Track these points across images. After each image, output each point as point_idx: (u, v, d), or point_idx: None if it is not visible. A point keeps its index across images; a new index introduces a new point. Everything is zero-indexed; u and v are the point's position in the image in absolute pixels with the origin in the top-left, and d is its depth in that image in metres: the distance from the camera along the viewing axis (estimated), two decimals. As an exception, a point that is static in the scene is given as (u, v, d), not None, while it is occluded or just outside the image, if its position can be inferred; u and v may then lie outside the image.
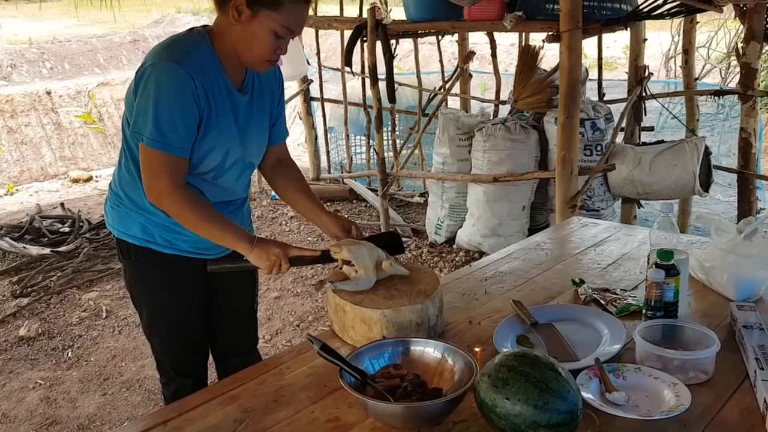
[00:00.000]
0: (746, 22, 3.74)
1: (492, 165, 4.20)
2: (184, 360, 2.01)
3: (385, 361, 1.45)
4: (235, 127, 1.75)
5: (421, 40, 5.71)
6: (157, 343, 2.00)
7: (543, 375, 1.22)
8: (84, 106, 8.65)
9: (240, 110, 1.76)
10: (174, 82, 1.60)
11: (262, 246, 1.69)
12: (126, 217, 1.84)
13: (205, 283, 1.96)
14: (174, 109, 1.61)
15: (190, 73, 1.61)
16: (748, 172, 3.92)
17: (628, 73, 4.24)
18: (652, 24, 4.45)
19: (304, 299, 4.03)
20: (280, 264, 1.70)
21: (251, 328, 2.18)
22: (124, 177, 1.81)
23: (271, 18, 1.61)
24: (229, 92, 1.72)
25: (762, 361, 1.42)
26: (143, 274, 1.90)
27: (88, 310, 4.02)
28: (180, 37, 1.70)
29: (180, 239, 1.83)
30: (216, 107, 1.69)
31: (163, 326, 1.96)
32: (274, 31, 1.63)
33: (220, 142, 1.73)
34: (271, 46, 1.65)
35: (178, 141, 1.63)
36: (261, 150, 1.90)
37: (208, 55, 1.67)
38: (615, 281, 1.99)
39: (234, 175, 1.83)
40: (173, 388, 2.00)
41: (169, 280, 1.89)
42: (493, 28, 4.18)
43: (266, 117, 1.87)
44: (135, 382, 3.24)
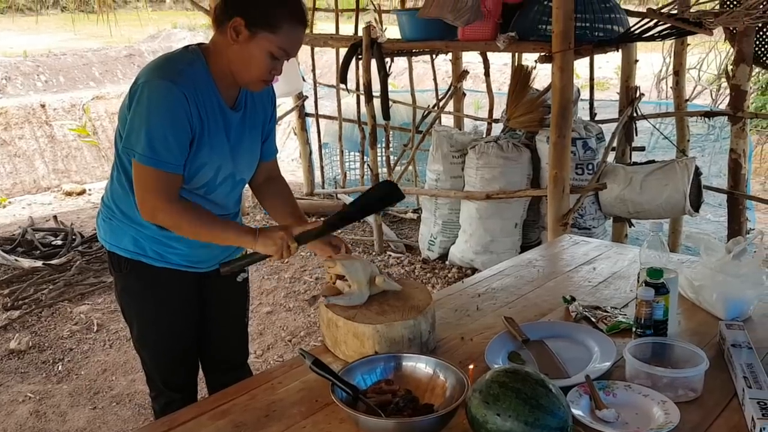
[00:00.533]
0: (736, 45, 3.79)
1: (485, 182, 4.23)
2: (174, 374, 2.00)
3: (377, 377, 1.46)
4: (227, 144, 1.77)
5: (416, 59, 5.76)
6: (147, 357, 2.00)
7: (534, 391, 1.23)
8: (78, 119, 8.66)
9: (232, 128, 1.78)
10: (167, 99, 1.61)
11: (266, 233, 1.71)
12: (117, 230, 1.84)
13: (196, 297, 1.97)
14: (166, 127, 1.62)
15: (183, 91, 1.63)
16: (738, 193, 3.96)
17: (619, 94, 4.29)
18: (644, 45, 4.50)
19: (296, 314, 4.02)
20: (288, 246, 1.70)
21: (242, 342, 2.18)
22: (116, 190, 1.82)
23: (268, 40, 1.64)
24: (221, 110, 1.74)
25: (750, 379, 1.43)
26: (134, 287, 1.90)
27: (79, 324, 4.00)
28: (174, 54, 1.72)
29: (171, 252, 1.83)
30: (208, 124, 1.71)
31: (154, 340, 1.96)
32: (271, 53, 1.65)
33: (212, 159, 1.74)
34: (267, 67, 1.68)
35: (170, 158, 1.64)
36: (252, 166, 1.92)
37: (202, 74, 1.69)
38: (606, 299, 2.00)
39: (225, 190, 1.84)
40: (163, 402, 2.00)
41: (160, 294, 1.89)
42: (487, 48, 4.22)
43: (258, 134, 1.89)
44: (125, 397, 3.23)
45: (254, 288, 4.27)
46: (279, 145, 2.08)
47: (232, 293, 2.05)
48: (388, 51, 4.54)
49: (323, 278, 4.51)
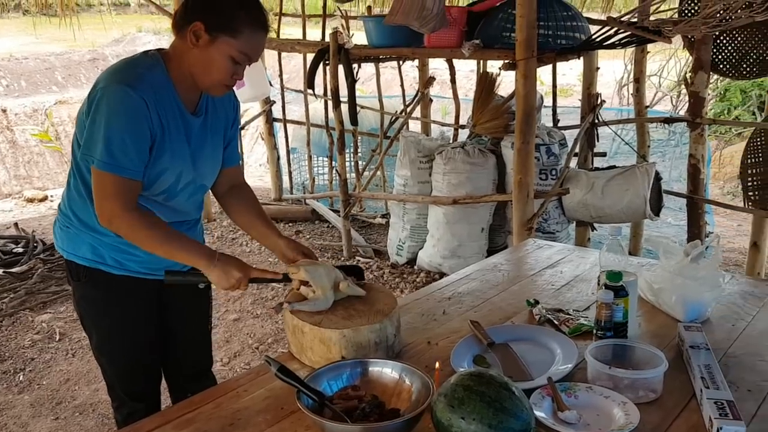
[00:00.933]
0: (694, 53, 3.90)
1: (452, 187, 4.27)
2: (136, 383, 1.97)
3: (344, 383, 1.46)
4: (187, 149, 1.76)
5: (384, 65, 5.79)
6: (108, 367, 1.97)
7: (498, 394, 1.25)
8: (41, 124, 8.50)
9: (193, 133, 1.77)
10: (125, 105, 1.60)
11: (224, 266, 1.68)
12: (75, 238, 1.81)
13: (157, 305, 1.94)
14: (125, 132, 1.60)
15: (142, 96, 1.61)
16: (697, 197, 4.06)
17: (581, 101, 4.37)
18: (606, 53, 4.60)
19: (264, 321, 4.00)
20: (239, 286, 1.69)
21: (205, 349, 2.16)
22: (74, 197, 1.79)
23: (229, 44, 1.64)
24: (182, 115, 1.73)
25: (708, 380, 1.47)
26: (93, 296, 1.87)
27: (41, 333, 3.92)
28: (134, 59, 1.71)
29: (131, 260, 1.81)
30: (169, 130, 1.70)
31: (114, 349, 1.93)
32: (231, 57, 1.65)
33: (173, 165, 1.73)
34: (228, 71, 1.67)
35: (129, 163, 1.62)
36: (214, 172, 1.91)
37: (161, 79, 1.68)
38: (568, 302, 2.04)
39: (185, 196, 1.83)
40: (125, 412, 1.96)
41: (120, 302, 1.86)
42: (452, 55, 4.27)
43: (220, 140, 1.88)
44: (89, 406, 3.17)
45: (221, 295, 4.23)
46: (247, 150, 2.09)
47: (193, 300, 2.02)
48: (356, 57, 4.55)
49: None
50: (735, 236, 5.42)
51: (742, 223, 5.69)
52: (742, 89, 7.87)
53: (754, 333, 1.82)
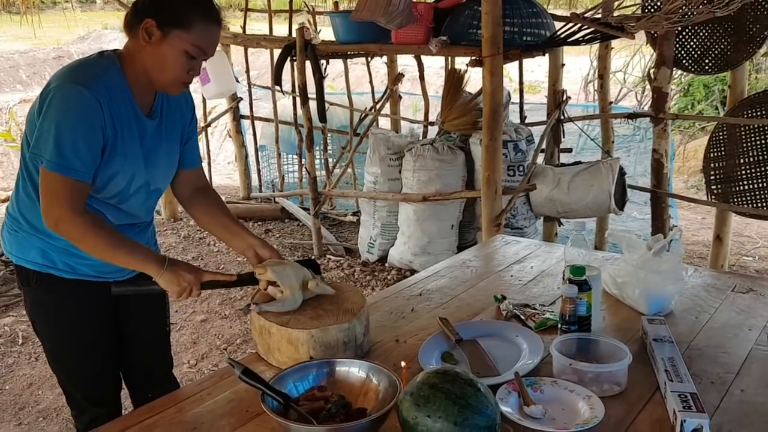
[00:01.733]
0: (657, 49, 3.95)
1: (421, 184, 4.27)
2: (96, 388, 1.93)
3: (310, 383, 1.45)
4: (140, 152, 1.72)
5: (355, 61, 5.78)
6: (64, 374, 1.92)
7: (463, 391, 1.25)
8: (4, 123, 8.30)
9: (147, 135, 1.74)
10: (78, 105, 1.56)
11: (173, 270, 1.64)
12: (24, 242, 1.77)
13: (111, 308, 1.90)
14: (77, 132, 1.57)
15: (96, 96, 1.58)
16: (661, 191, 4.12)
17: (547, 97, 4.41)
18: (573, 49, 4.64)
19: (232, 321, 3.96)
20: (191, 291, 1.66)
21: (164, 353, 2.11)
22: (23, 200, 1.75)
23: (181, 38, 1.62)
24: (136, 117, 1.70)
25: (671, 373, 1.48)
26: (44, 302, 1.82)
27: (3, 336, 3.83)
28: (88, 60, 1.68)
29: (82, 264, 1.77)
30: (122, 132, 1.66)
31: (68, 355, 1.88)
32: (185, 51, 1.63)
33: (125, 167, 1.69)
34: (183, 66, 1.65)
35: (80, 164, 1.58)
36: (168, 176, 1.87)
37: (116, 79, 1.65)
38: (534, 297, 2.05)
39: (139, 200, 1.79)
40: (87, 419, 1.92)
41: (72, 307, 1.82)
42: (420, 52, 4.27)
43: (176, 143, 1.85)
44: (52, 411, 3.10)
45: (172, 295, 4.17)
46: (215, 148, 2.05)
47: (148, 302, 1.97)
48: (323, 53, 4.53)
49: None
50: (699, 229, 5.52)
51: (706, 216, 5.80)
52: (705, 84, 8.01)
53: (717, 325, 1.85)
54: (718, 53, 3.99)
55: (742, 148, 3.96)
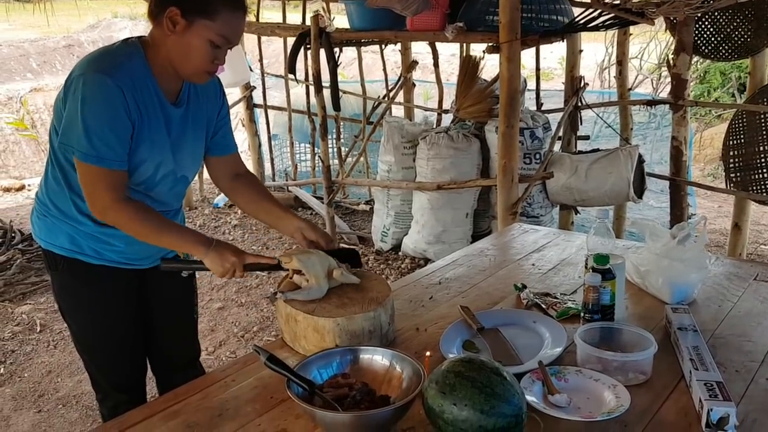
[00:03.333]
0: (676, 35, 3.90)
1: (436, 173, 4.25)
2: (120, 374, 1.95)
3: (334, 371, 1.45)
4: (167, 140, 1.72)
5: (365, 49, 5.74)
6: (90, 358, 1.94)
7: (489, 380, 1.24)
8: (16, 112, 8.34)
9: (173, 123, 1.73)
10: (102, 93, 1.56)
11: (219, 251, 1.66)
12: (53, 227, 1.78)
13: (138, 295, 1.91)
14: (103, 122, 1.57)
15: (119, 84, 1.57)
16: (680, 179, 4.08)
17: (564, 84, 4.36)
18: (588, 35, 4.60)
19: (248, 309, 3.97)
20: (234, 272, 1.67)
21: (191, 339, 2.13)
22: (51, 186, 1.76)
23: (207, 27, 1.59)
24: (161, 105, 1.69)
25: (696, 361, 1.47)
26: (72, 286, 1.84)
27: (21, 324, 3.86)
28: (112, 47, 1.67)
29: (109, 250, 1.78)
30: (148, 119, 1.66)
31: (95, 340, 1.90)
32: (210, 41, 1.60)
33: (152, 155, 1.69)
34: (208, 56, 1.62)
35: (111, 153, 1.59)
36: (195, 164, 1.87)
37: (140, 67, 1.64)
38: (555, 286, 2.04)
39: (165, 187, 1.79)
40: (110, 404, 1.94)
41: (99, 292, 1.83)
42: (435, 39, 4.23)
43: (202, 131, 1.84)
44: (72, 398, 3.13)
45: (204, 283, 4.20)
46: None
47: (176, 290, 1.99)
48: (337, 41, 4.50)
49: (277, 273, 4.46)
50: (716, 217, 5.47)
51: (723, 204, 5.75)
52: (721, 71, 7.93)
53: (740, 314, 1.83)
54: (738, 40, 3.93)
55: (761, 135, 3.91)
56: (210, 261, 1.66)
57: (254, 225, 5.47)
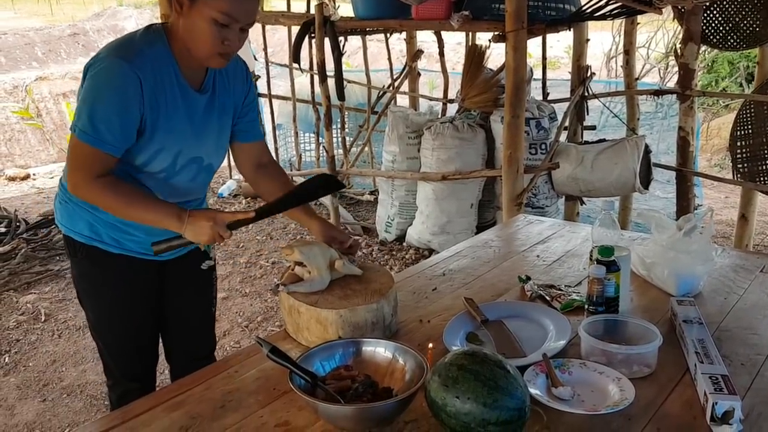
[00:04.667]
0: (684, 24, 3.86)
1: (441, 163, 4.24)
2: (131, 363, 1.95)
3: (336, 363, 1.44)
4: (189, 128, 1.70)
5: (370, 38, 5.71)
6: (103, 345, 1.95)
7: (492, 373, 1.23)
8: (21, 101, 8.34)
9: (196, 111, 1.71)
10: (117, 79, 1.55)
11: (194, 221, 1.60)
12: (73, 213, 1.78)
13: (155, 286, 1.91)
14: (112, 106, 1.56)
15: (137, 71, 1.56)
16: (686, 170, 4.05)
17: (571, 73, 4.33)
18: (594, 24, 4.55)
19: (252, 299, 3.97)
20: (220, 235, 1.62)
21: (208, 332, 2.11)
22: None
23: (208, 5, 1.53)
24: (183, 92, 1.67)
25: (702, 354, 1.46)
26: (90, 273, 1.84)
27: (26, 314, 3.87)
28: (135, 34, 1.65)
29: (128, 239, 1.78)
30: (166, 107, 1.64)
31: (109, 328, 1.90)
32: (214, 20, 1.54)
33: (169, 143, 1.67)
34: (215, 36, 1.56)
35: (111, 138, 1.57)
36: (221, 152, 1.85)
37: (162, 54, 1.62)
38: (559, 277, 2.03)
39: (188, 176, 1.77)
40: (119, 391, 1.95)
41: (117, 281, 1.83)
42: (441, 27, 4.20)
43: (228, 117, 1.81)
44: (76, 388, 3.14)
45: None
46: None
47: (195, 282, 1.98)
48: (342, 29, 4.48)
49: (280, 263, 4.47)
50: (722, 208, 5.44)
51: (730, 195, 5.71)
52: (729, 61, 7.86)
53: (746, 306, 1.81)
54: (747, 29, 3.89)
55: (769, 126, 3.88)
56: (190, 233, 1.61)
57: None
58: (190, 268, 1.90)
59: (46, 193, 6.52)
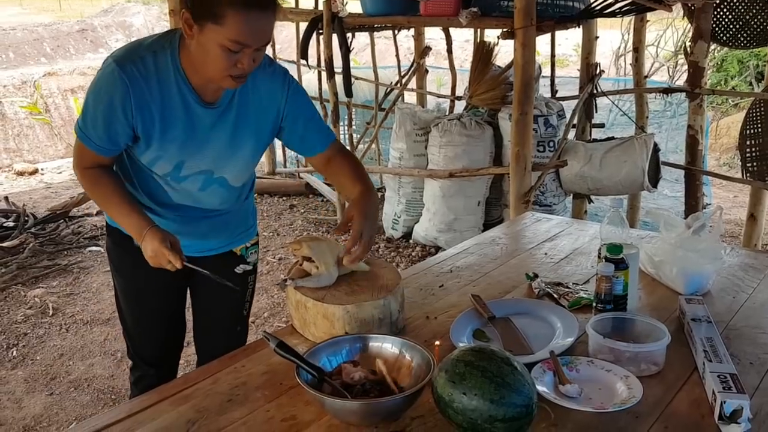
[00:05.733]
0: (694, 22, 3.84)
1: (448, 160, 4.23)
2: (148, 348, 1.98)
3: (343, 358, 1.44)
4: (189, 140, 1.64)
5: (378, 34, 5.70)
6: (126, 327, 1.99)
7: (499, 369, 1.23)
8: (29, 96, 8.37)
9: (201, 124, 1.64)
10: (106, 82, 1.55)
11: (150, 239, 1.59)
12: None
13: (182, 283, 1.93)
14: (98, 108, 1.57)
15: (127, 80, 1.52)
16: (695, 169, 4.03)
17: (580, 71, 4.31)
18: (603, 22, 4.53)
19: (259, 295, 3.98)
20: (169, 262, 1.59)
21: (237, 333, 2.06)
22: None
23: (216, 32, 1.43)
24: (186, 104, 1.60)
25: (710, 353, 1.45)
26: (121, 256, 1.88)
27: (33, 308, 3.89)
28: (147, 39, 1.61)
29: None
30: (162, 118, 1.59)
31: (133, 312, 1.94)
32: (223, 46, 1.44)
33: (167, 153, 1.64)
34: (225, 61, 1.47)
35: (95, 137, 1.60)
36: (243, 169, 1.78)
37: (167, 64, 1.56)
38: (567, 275, 2.02)
39: (196, 185, 1.74)
40: (138, 373, 1.99)
41: (145, 270, 1.76)
42: (449, 24, 4.19)
43: (250, 134, 1.72)
44: (83, 381, 3.16)
45: None
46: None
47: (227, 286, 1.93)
48: (350, 26, 4.47)
49: (287, 259, 4.47)
50: (731, 207, 5.41)
51: (738, 194, 5.68)
52: (739, 59, 7.81)
53: (755, 305, 1.80)
54: (757, 27, 3.86)
55: (779, 124, 3.85)
56: (144, 249, 1.61)
57: (265, 212, 5.48)
58: (222, 269, 1.83)
59: (54, 188, 6.55)
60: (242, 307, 2.04)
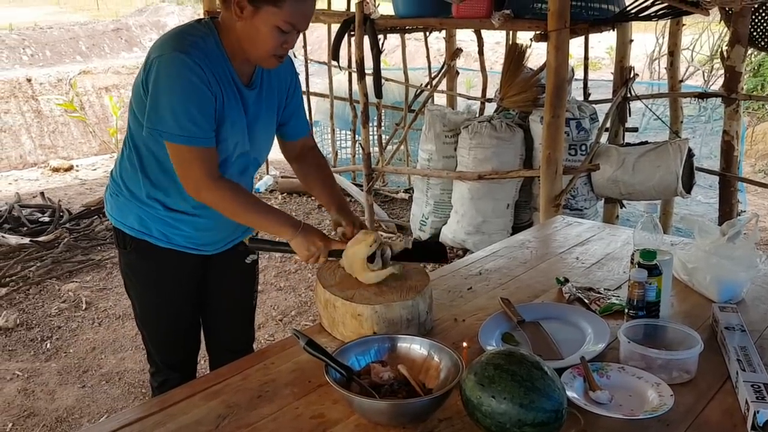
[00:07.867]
0: (731, 26, 3.77)
1: (477, 162, 4.21)
2: (173, 353, 1.99)
3: (371, 358, 1.45)
4: (244, 121, 1.72)
5: (408, 36, 5.70)
6: (147, 335, 2.00)
7: (529, 374, 1.22)
8: (65, 94, 8.55)
9: (249, 105, 1.73)
10: (183, 72, 1.56)
11: (306, 235, 1.67)
12: (124, 207, 1.82)
13: (200, 279, 1.95)
14: (187, 100, 1.57)
15: (197, 62, 1.57)
16: (730, 175, 3.96)
17: (613, 74, 4.26)
18: (637, 25, 4.48)
19: (287, 293, 4.01)
20: (318, 257, 1.69)
21: (247, 326, 2.14)
22: (125, 167, 1.79)
23: (273, 13, 1.56)
24: (236, 86, 1.69)
25: (744, 362, 1.43)
26: (138, 266, 1.88)
27: (67, 301, 3.97)
28: (186, 27, 1.67)
29: (177, 234, 1.81)
30: (227, 99, 1.66)
31: (154, 319, 1.95)
32: (277, 27, 1.57)
33: (232, 135, 1.70)
34: (276, 41, 1.60)
35: (198, 131, 1.59)
36: (267, 147, 1.88)
37: (215, 48, 1.64)
38: (599, 280, 2.00)
39: (237, 169, 1.79)
40: (160, 379, 2.00)
41: (163, 274, 1.86)
42: (481, 26, 4.18)
43: (274, 113, 1.84)
44: (115, 375, 3.21)
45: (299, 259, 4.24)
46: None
47: (239, 276, 2.01)
48: (381, 28, 4.48)
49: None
50: (767, 215, 5.30)
51: (774, 202, 5.57)
52: (777, 64, 7.65)
53: (791, 315, 1.77)
54: (797, 31, 3.79)
55: (818, 131, 3.77)
56: (296, 244, 1.67)
57: (294, 211, 5.52)
58: (233, 262, 1.93)
59: (88, 185, 6.67)
60: (252, 297, 2.11)
